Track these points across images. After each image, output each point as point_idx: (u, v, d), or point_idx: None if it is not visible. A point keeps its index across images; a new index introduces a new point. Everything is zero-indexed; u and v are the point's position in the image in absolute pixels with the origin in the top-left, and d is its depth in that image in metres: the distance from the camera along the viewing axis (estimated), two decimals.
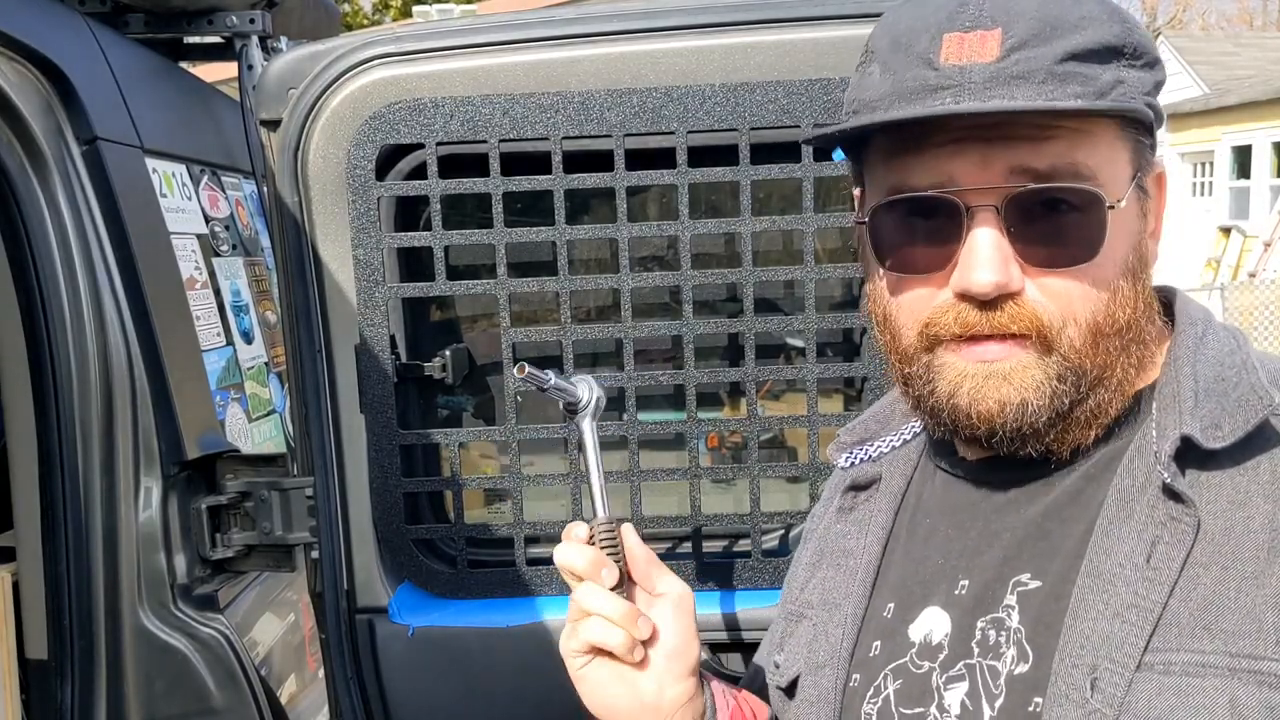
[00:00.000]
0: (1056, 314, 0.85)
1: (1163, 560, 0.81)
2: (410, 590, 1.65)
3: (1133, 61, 0.85)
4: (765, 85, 1.50)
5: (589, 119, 1.51)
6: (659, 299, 1.70)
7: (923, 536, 0.98)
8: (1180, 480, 0.82)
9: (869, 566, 1.00)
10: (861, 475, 1.06)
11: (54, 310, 1.71)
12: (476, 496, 1.83)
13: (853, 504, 1.06)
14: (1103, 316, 0.85)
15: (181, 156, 2.17)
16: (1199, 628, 0.79)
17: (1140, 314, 0.88)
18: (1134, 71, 0.85)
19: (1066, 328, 0.85)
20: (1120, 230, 0.86)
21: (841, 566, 1.02)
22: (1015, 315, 0.85)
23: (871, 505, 1.04)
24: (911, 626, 0.93)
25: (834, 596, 1.02)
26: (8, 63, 1.66)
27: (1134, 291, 0.87)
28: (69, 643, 1.76)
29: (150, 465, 1.76)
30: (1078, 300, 0.85)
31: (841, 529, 1.05)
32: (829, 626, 1.00)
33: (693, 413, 1.59)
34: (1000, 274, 0.83)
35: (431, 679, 1.64)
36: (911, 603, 0.95)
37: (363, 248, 1.55)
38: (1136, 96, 0.85)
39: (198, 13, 2.33)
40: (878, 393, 1.56)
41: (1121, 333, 0.86)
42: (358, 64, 1.53)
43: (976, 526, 0.93)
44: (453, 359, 1.66)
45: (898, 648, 0.94)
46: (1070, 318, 0.85)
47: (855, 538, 1.03)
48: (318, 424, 1.60)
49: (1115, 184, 0.85)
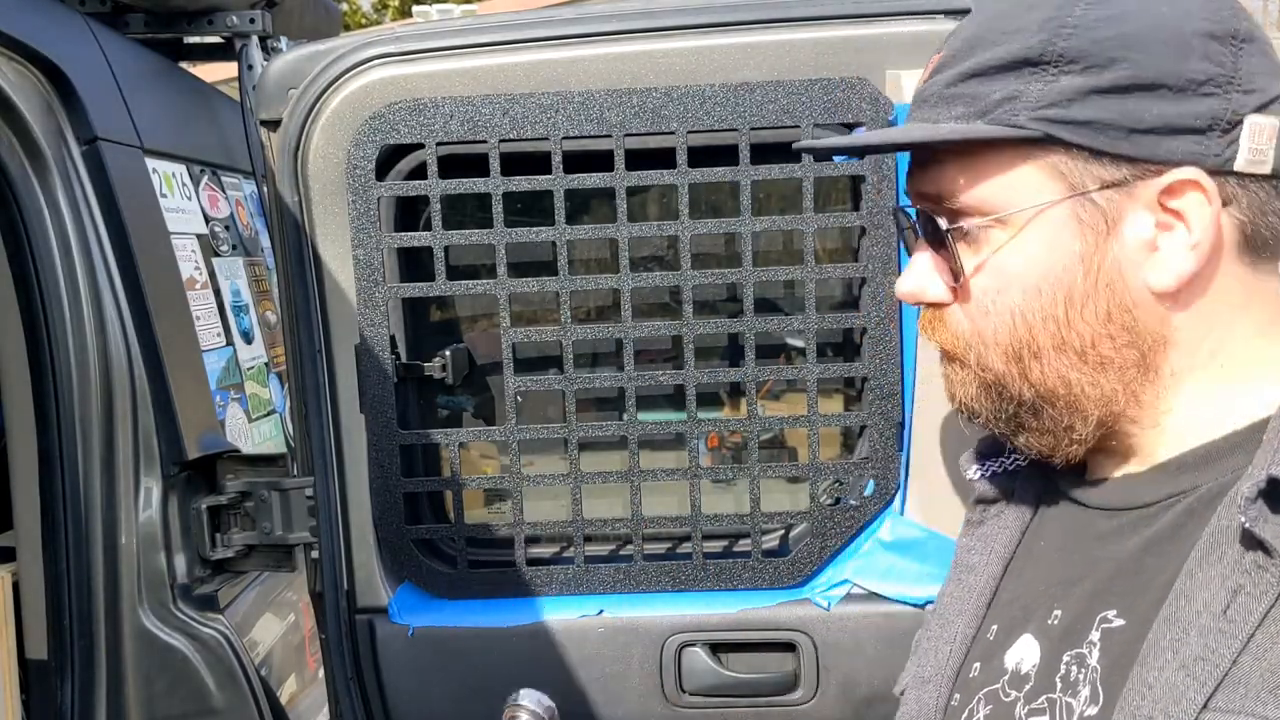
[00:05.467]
0: (968, 331, 0.89)
1: (1240, 612, 0.75)
2: (410, 590, 1.65)
3: (1053, 70, 0.81)
4: (765, 85, 1.50)
5: (589, 119, 1.51)
6: (659, 299, 1.70)
7: (1035, 559, 0.96)
8: (1265, 526, 0.74)
9: (986, 586, 0.99)
10: (989, 489, 1.03)
11: (54, 310, 1.71)
12: (476, 496, 1.83)
13: (981, 517, 1.04)
14: (1009, 339, 0.86)
15: (181, 156, 2.17)
16: (1266, 690, 0.73)
17: (1099, 336, 0.84)
18: (1049, 83, 0.80)
19: (977, 347, 0.88)
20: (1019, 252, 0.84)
21: (962, 582, 1.02)
22: (934, 328, 0.92)
23: (999, 521, 1.01)
24: (1008, 652, 0.92)
25: (950, 612, 1.01)
26: (8, 63, 1.66)
27: (1071, 313, 0.84)
28: (69, 643, 1.75)
29: (150, 465, 1.76)
30: (982, 320, 0.87)
31: (967, 542, 1.04)
32: (940, 642, 1.00)
33: (693, 413, 1.59)
34: (910, 284, 0.91)
35: (431, 679, 1.64)
36: (1012, 627, 0.93)
37: (363, 248, 1.55)
38: (1021, 113, 0.81)
39: (198, 13, 2.33)
40: (878, 393, 1.56)
41: (1059, 354, 0.85)
42: (358, 64, 1.53)
43: (1079, 553, 0.90)
44: (453, 359, 1.66)
45: (993, 672, 0.92)
46: (979, 338, 0.88)
47: (979, 553, 1.01)
48: (318, 424, 1.60)
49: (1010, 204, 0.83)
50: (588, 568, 1.62)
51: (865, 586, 1.59)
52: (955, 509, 1.55)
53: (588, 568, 1.62)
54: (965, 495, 1.55)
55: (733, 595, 1.62)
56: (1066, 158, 0.82)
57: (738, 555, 1.65)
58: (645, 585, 1.61)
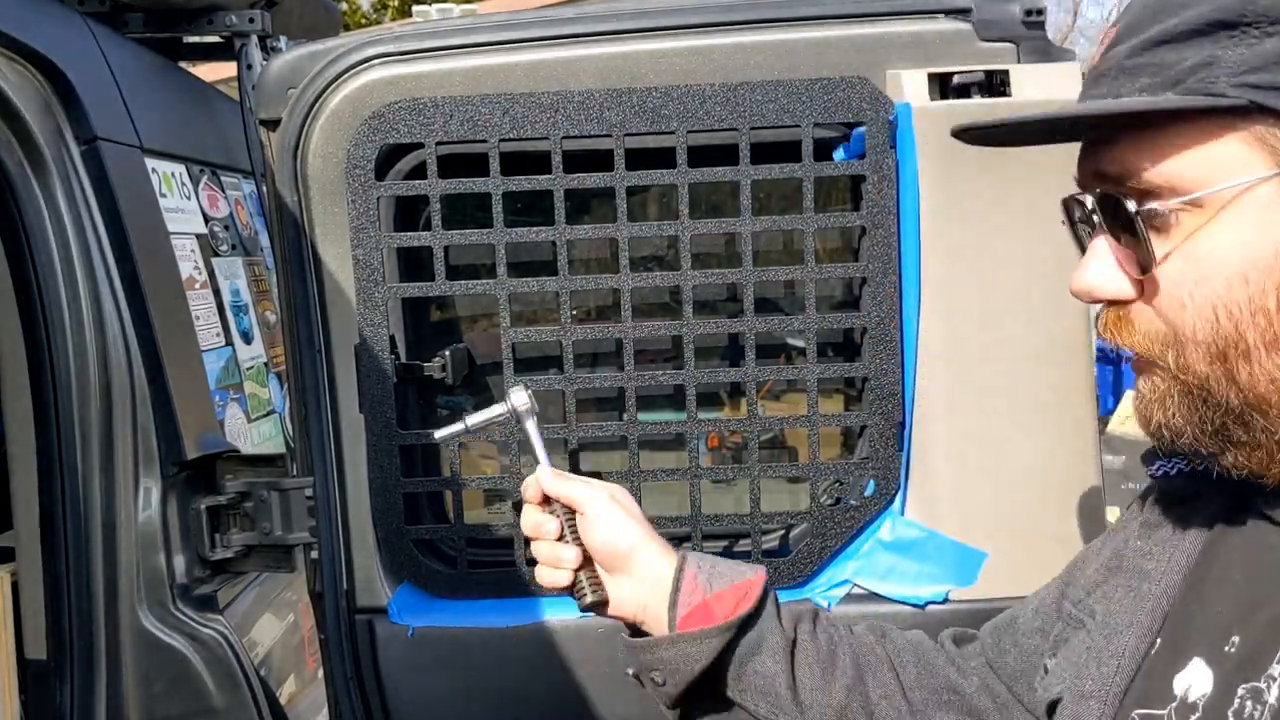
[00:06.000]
0: (1163, 331, 0.77)
1: None
2: (410, 590, 1.64)
3: (1255, 32, 0.71)
4: (765, 85, 1.50)
5: (589, 119, 1.51)
6: (659, 299, 1.70)
7: (1217, 575, 0.86)
8: None
9: (1163, 597, 0.88)
10: (1172, 489, 0.93)
11: (54, 310, 1.71)
12: (476, 496, 1.83)
13: (1160, 520, 0.93)
14: (1211, 335, 0.75)
15: (181, 156, 2.17)
16: None
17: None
18: (1252, 45, 0.71)
19: (1175, 346, 0.77)
20: (1223, 236, 0.73)
21: (1134, 589, 0.91)
22: (1115, 329, 0.80)
23: (1181, 527, 0.91)
24: (1178, 676, 0.83)
25: (1117, 620, 0.91)
26: (7, 63, 1.66)
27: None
28: (68, 643, 1.75)
29: (150, 465, 1.75)
30: (1176, 316, 0.76)
31: (1143, 546, 0.94)
32: (1104, 654, 0.90)
33: (693, 413, 1.59)
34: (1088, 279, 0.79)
35: (431, 679, 1.64)
36: (1184, 648, 0.84)
37: (362, 247, 1.55)
38: (1220, 79, 0.72)
39: (197, 12, 2.33)
40: (878, 393, 1.56)
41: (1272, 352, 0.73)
42: (357, 64, 1.53)
43: (1266, 576, 0.81)
44: (452, 359, 1.65)
45: (1158, 696, 0.84)
46: (1176, 337, 0.77)
47: (1156, 560, 0.91)
48: (317, 424, 1.60)
49: (1209, 181, 0.73)
50: None
51: (865, 586, 1.59)
52: (955, 509, 1.55)
53: None
54: (965, 495, 1.55)
55: None
56: (1275, 129, 0.72)
57: (738, 555, 1.65)
58: None
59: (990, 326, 1.52)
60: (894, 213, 1.52)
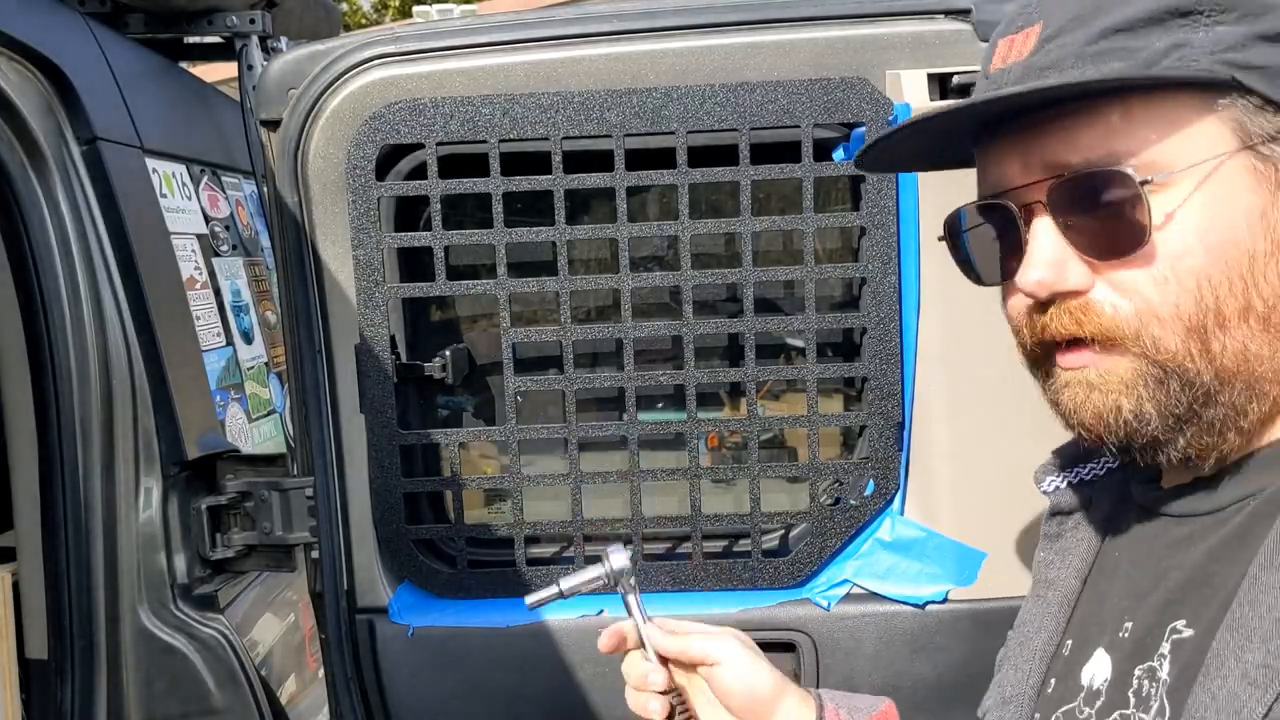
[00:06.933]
0: (1131, 312, 0.78)
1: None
2: (410, 590, 1.65)
3: (1210, 18, 0.75)
4: (765, 85, 1.50)
5: (589, 119, 1.51)
6: (659, 299, 1.70)
7: (1109, 571, 0.92)
8: None
9: (1065, 601, 0.95)
10: (1064, 501, 0.99)
11: (54, 310, 1.71)
12: (476, 496, 1.83)
13: (1059, 530, 0.99)
14: (1194, 308, 0.76)
15: (181, 156, 2.17)
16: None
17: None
18: (1208, 30, 0.75)
19: (1148, 326, 0.77)
20: (1201, 209, 0.76)
21: (1041, 598, 0.98)
22: (1079, 318, 0.80)
23: (1076, 534, 0.97)
24: (1084, 668, 0.88)
25: (1028, 629, 0.98)
26: (8, 63, 1.66)
27: (1256, 273, 0.76)
28: (69, 642, 1.76)
29: (150, 465, 1.76)
30: (1152, 293, 0.77)
31: (1044, 557, 1.00)
32: (1020, 660, 0.96)
33: (693, 413, 1.59)
34: (1044, 271, 0.79)
35: (431, 679, 1.64)
36: (1087, 642, 0.89)
37: (363, 248, 1.55)
38: (1201, 58, 0.74)
39: (198, 13, 2.33)
40: (878, 393, 1.56)
41: (1241, 321, 0.76)
42: (358, 64, 1.53)
43: (1150, 564, 0.86)
44: (453, 359, 1.66)
45: (1070, 690, 0.89)
46: (1151, 314, 0.77)
47: (1057, 568, 0.97)
48: (318, 424, 1.60)
49: (1182, 159, 0.76)
50: None
51: (865, 586, 1.59)
52: (955, 509, 1.56)
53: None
54: (965, 495, 1.55)
55: (733, 595, 1.62)
56: (1241, 107, 0.76)
57: (738, 555, 1.65)
58: (645, 585, 1.61)
59: (990, 326, 1.51)
60: (894, 213, 1.52)
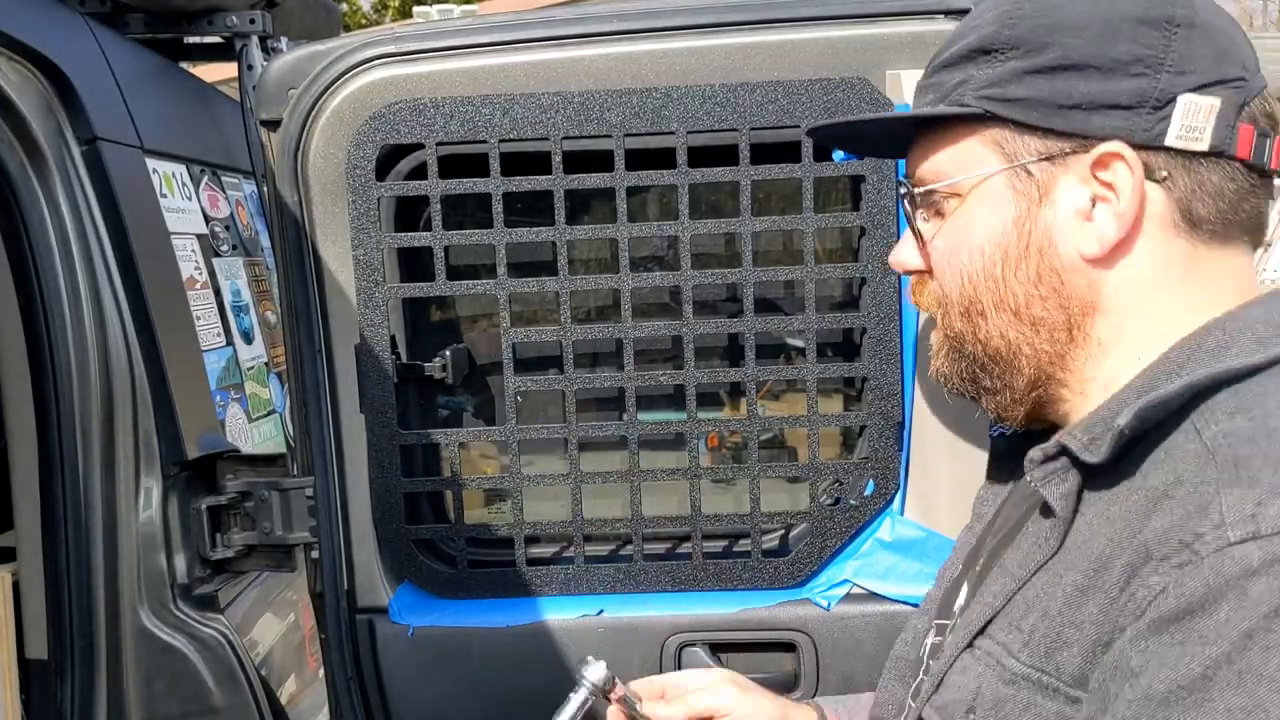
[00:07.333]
0: (938, 294, 0.97)
1: (1028, 559, 0.90)
2: (410, 590, 1.65)
3: (1000, 56, 0.89)
4: (765, 85, 1.50)
5: (589, 119, 1.51)
6: (659, 299, 1.70)
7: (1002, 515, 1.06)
8: (1051, 487, 0.88)
9: (980, 535, 1.09)
10: (1004, 449, 1.11)
11: (54, 310, 1.71)
12: (476, 496, 1.83)
13: (995, 474, 1.12)
14: (958, 295, 0.95)
15: (181, 156, 2.17)
16: (1007, 622, 0.90)
17: (1031, 297, 0.91)
18: (993, 67, 0.89)
19: (945, 306, 0.97)
20: (969, 217, 0.93)
21: (971, 529, 1.13)
22: (918, 294, 1.02)
23: (1001, 477, 1.11)
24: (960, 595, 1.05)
25: (955, 555, 1.14)
26: (8, 63, 1.66)
27: (1006, 273, 0.91)
28: (69, 642, 1.76)
29: (150, 465, 1.76)
30: (943, 280, 0.96)
31: (983, 494, 1.14)
32: (941, 579, 1.15)
33: (693, 413, 1.59)
34: (900, 253, 1.01)
35: (431, 679, 1.64)
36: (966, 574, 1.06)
37: (363, 248, 1.55)
38: (968, 94, 0.90)
39: (198, 13, 2.33)
40: (878, 393, 1.56)
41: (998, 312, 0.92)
42: (358, 64, 1.53)
43: (1008, 512, 1.03)
44: (453, 359, 1.66)
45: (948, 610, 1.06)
46: (945, 298, 0.97)
47: (987, 505, 1.11)
48: (318, 424, 1.60)
49: (959, 174, 0.93)
50: (588, 568, 1.62)
51: (865, 586, 1.59)
52: (955, 509, 1.55)
53: (588, 568, 1.62)
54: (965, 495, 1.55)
55: (732, 595, 1.62)
56: (1005, 132, 0.90)
57: (737, 555, 1.65)
58: (645, 585, 1.61)
59: None
60: (894, 213, 1.52)
